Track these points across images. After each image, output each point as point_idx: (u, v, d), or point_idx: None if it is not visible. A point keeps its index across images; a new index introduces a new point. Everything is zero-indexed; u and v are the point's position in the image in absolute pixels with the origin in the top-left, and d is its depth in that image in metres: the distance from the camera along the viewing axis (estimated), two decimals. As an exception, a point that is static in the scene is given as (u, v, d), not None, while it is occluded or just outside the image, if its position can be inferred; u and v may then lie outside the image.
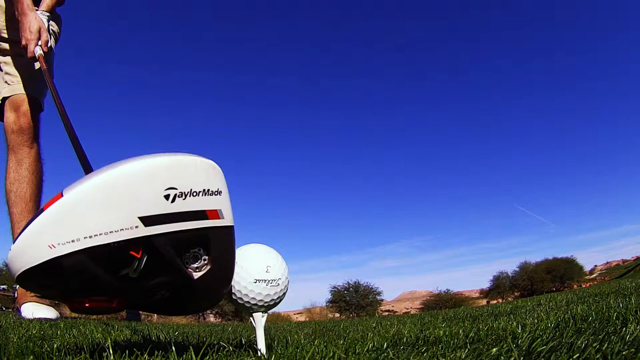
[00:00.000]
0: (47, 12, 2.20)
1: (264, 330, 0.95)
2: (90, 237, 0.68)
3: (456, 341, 1.01)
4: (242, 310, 0.96)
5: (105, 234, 0.68)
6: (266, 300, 0.94)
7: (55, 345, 0.96)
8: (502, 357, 0.75)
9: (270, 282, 0.93)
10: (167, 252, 0.73)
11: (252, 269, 0.93)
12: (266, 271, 0.93)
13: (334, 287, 36.09)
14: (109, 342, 0.88)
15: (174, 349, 0.81)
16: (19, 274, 0.68)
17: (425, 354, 0.86)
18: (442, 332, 1.19)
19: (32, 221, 0.69)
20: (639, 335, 0.78)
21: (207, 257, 0.78)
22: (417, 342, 1.08)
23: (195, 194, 0.74)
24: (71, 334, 1.30)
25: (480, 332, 1.09)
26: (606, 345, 0.74)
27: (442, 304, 32.14)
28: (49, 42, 2.11)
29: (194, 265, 0.78)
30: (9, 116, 2.32)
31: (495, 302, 29.19)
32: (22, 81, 2.39)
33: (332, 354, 0.86)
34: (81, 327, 1.57)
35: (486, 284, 39.41)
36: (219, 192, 0.78)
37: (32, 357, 0.80)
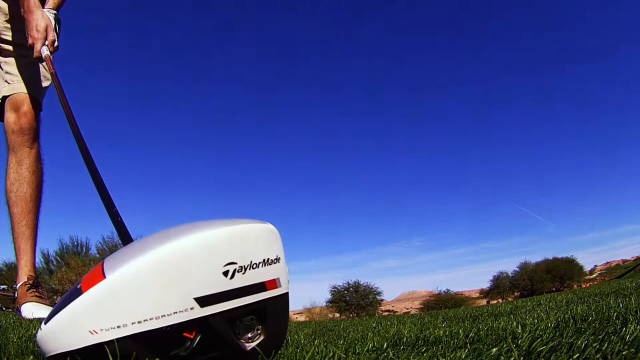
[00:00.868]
0: (54, 10, 2.17)
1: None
2: (138, 322, 0.62)
3: (456, 341, 1.01)
4: None
5: (156, 318, 0.62)
6: None
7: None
8: (502, 357, 0.75)
9: None
10: (222, 329, 0.68)
11: None
12: None
13: (334, 287, 36.11)
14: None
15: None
16: (51, 355, 0.62)
17: (425, 354, 0.86)
18: (442, 332, 1.19)
19: (69, 301, 0.63)
20: (639, 335, 0.79)
21: (260, 327, 0.72)
22: (417, 342, 1.08)
23: (255, 266, 0.69)
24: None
25: (480, 332, 1.09)
26: (606, 345, 0.74)
27: (442, 304, 32.12)
28: (56, 42, 2.07)
29: (247, 335, 0.72)
30: (10, 116, 2.31)
31: (495, 302, 29.20)
32: (22, 80, 2.39)
33: (332, 354, 0.86)
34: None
35: (486, 284, 39.41)
36: (278, 260, 0.73)
37: (32, 357, 0.80)
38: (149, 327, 0.62)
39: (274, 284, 0.72)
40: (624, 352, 0.68)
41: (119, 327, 0.61)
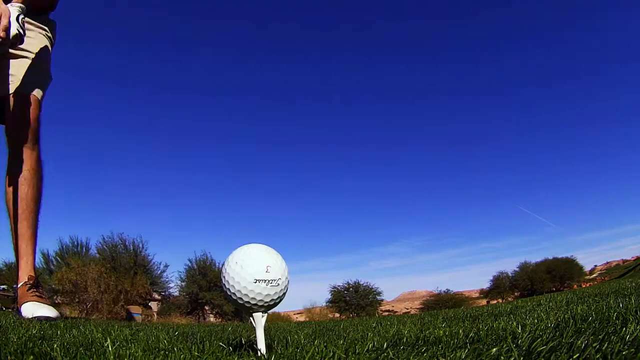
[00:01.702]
0: (18, 3, 2.19)
1: (264, 330, 0.95)
2: None
3: (456, 341, 1.01)
4: (242, 310, 0.96)
5: None
6: (266, 300, 0.94)
7: (55, 345, 0.96)
8: (502, 357, 0.75)
9: (270, 282, 0.93)
10: None
11: (252, 268, 0.93)
12: (266, 271, 0.93)
13: (334, 287, 36.11)
14: (109, 342, 0.88)
15: (175, 349, 0.81)
16: None
17: (425, 354, 0.86)
18: (442, 332, 1.19)
19: None
20: (639, 335, 0.78)
21: None
22: (417, 342, 1.08)
23: None
24: (71, 334, 1.30)
25: (480, 332, 1.09)
26: (606, 345, 0.73)
27: (442, 304, 32.13)
28: (11, 30, 2.10)
29: None
30: (13, 117, 2.31)
31: (495, 302, 29.19)
32: (23, 81, 2.39)
33: (332, 354, 0.86)
34: (81, 327, 1.57)
35: (486, 284, 39.43)
36: None
37: (32, 357, 0.80)
38: None
39: None
40: (624, 352, 0.68)
41: None
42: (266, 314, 0.96)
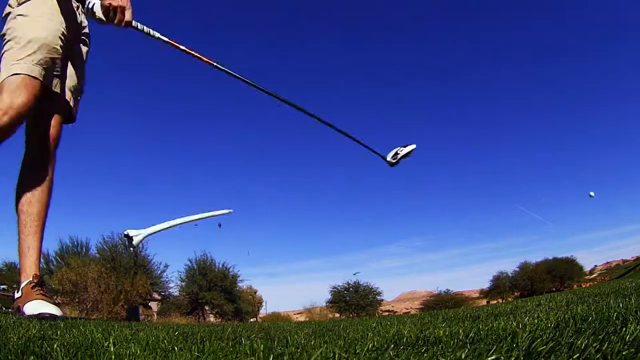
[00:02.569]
0: None
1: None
2: None
3: (456, 341, 1.01)
4: None
5: None
6: None
7: (55, 345, 0.96)
8: (502, 357, 0.75)
9: None
10: None
11: None
12: None
13: (334, 287, 36.11)
14: (109, 342, 0.88)
15: (176, 348, 0.81)
16: None
17: (425, 354, 0.86)
18: (442, 332, 1.19)
19: None
20: (639, 335, 0.78)
21: None
22: (417, 342, 1.08)
23: None
24: (71, 334, 1.30)
25: (480, 332, 1.09)
26: (606, 345, 0.73)
27: (442, 304, 32.14)
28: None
29: None
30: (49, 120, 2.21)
31: (495, 302, 29.18)
32: (77, 86, 2.33)
33: (332, 354, 0.86)
34: (81, 327, 1.57)
35: (486, 284, 39.44)
36: None
37: (32, 357, 0.80)
38: None
39: None
40: (624, 352, 0.68)
41: None
42: None
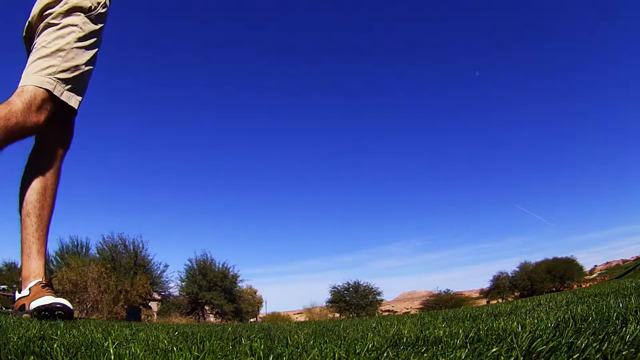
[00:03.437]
0: None
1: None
2: None
3: (456, 341, 1.01)
4: None
5: None
6: None
7: (55, 345, 0.96)
8: (502, 357, 0.75)
9: None
10: None
11: None
12: None
13: (334, 287, 36.10)
14: (109, 342, 0.88)
15: (175, 348, 0.81)
16: None
17: (425, 354, 0.86)
18: (442, 332, 1.19)
19: None
20: (639, 335, 0.78)
21: None
22: (417, 342, 1.08)
23: None
24: (71, 334, 1.30)
25: (480, 332, 1.09)
26: (606, 345, 0.73)
27: (442, 304, 32.14)
28: None
29: None
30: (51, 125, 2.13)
31: (495, 302, 29.17)
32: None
33: (332, 354, 0.86)
34: (81, 327, 1.57)
35: (486, 284, 39.45)
36: None
37: (32, 357, 0.80)
38: None
39: None
40: (624, 352, 0.68)
41: None
42: None
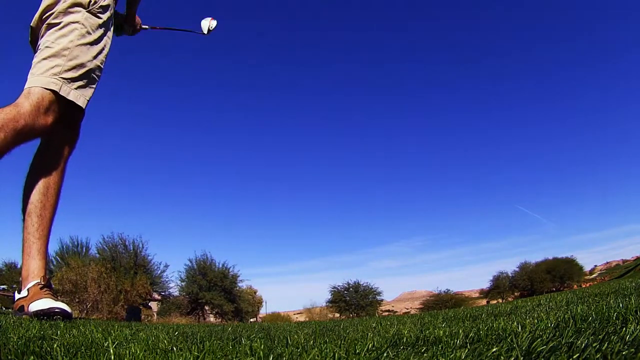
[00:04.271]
0: None
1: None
2: None
3: (456, 341, 1.01)
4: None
5: None
6: None
7: (55, 345, 0.96)
8: (502, 357, 0.75)
9: None
10: None
11: None
12: None
13: (334, 287, 36.10)
14: (109, 342, 0.88)
15: (175, 348, 0.81)
16: None
17: (425, 354, 0.86)
18: (442, 332, 1.19)
19: None
20: (639, 335, 0.78)
21: None
22: (417, 342, 1.08)
23: None
24: (71, 334, 1.30)
25: (480, 332, 1.09)
26: (606, 345, 0.73)
27: (442, 304, 32.14)
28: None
29: None
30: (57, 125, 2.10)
31: (495, 302, 29.17)
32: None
33: (332, 354, 0.86)
34: (81, 327, 1.57)
35: (486, 284, 39.46)
36: None
37: (32, 357, 0.80)
38: None
39: None
40: (624, 352, 0.68)
41: None
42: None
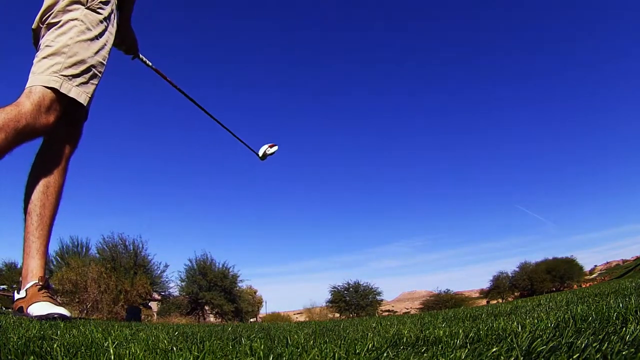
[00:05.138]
0: None
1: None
2: None
3: (456, 341, 1.01)
4: None
5: None
6: None
7: (55, 345, 0.96)
8: (502, 357, 0.75)
9: None
10: None
11: None
12: None
13: (334, 287, 36.10)
14: (109, 342, 0.88)
15: (175, 349, 0.81)
16: None
17: (425, 354, 0.86)
18: (442, 332, 1.19)
19: None
20: (639, 335, 0.78)
21: None
22: (417, 342, 1.08)
23: None
24: (71, 334, 1.30)
25: (480, 332, 1.09)
26: (606, 345, 0.73)
27: (442, 304, 32.15)
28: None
29: None
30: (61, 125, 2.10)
31: (495, 302, 29.17)
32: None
33: (332, 354, 0.86)
34: (81, 327, 1.57)
35: (486, 284, 39.47)
36: None
37: (32, 357, 0.80)
38: None
39: None
40: (624, 352, 0.68)
41: None
42: None
